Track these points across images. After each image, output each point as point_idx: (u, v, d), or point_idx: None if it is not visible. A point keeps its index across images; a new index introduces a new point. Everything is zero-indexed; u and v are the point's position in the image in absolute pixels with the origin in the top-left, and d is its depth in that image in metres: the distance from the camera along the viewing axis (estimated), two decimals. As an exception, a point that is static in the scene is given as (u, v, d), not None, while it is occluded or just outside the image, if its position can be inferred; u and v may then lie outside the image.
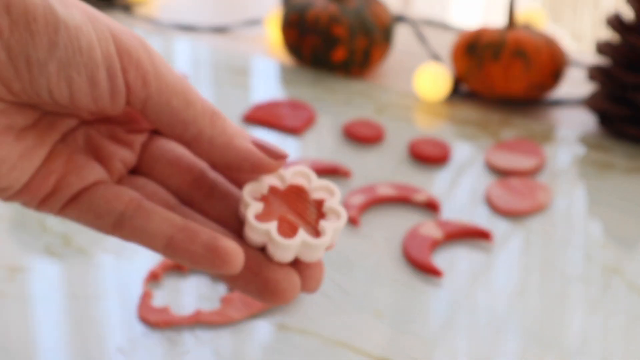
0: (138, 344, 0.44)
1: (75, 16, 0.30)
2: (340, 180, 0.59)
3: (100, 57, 0.30)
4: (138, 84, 0.31)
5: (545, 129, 0.67)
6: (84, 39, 0.30)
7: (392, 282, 0.49)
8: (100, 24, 0.30)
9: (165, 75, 0.31)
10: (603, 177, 0.61)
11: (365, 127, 0.65)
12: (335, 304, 0.48)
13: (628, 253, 0.52)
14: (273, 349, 0.44)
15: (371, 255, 0.52)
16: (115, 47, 0.30)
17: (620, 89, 0.64)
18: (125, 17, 0.87)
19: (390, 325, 0.46)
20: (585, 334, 0.46)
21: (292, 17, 0.74)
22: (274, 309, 0.47)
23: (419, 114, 0.69)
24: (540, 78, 0.68)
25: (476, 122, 0.68)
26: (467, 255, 0.52)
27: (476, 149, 0.64)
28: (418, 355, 0.44)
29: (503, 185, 0.58)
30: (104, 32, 0.30)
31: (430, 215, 0.56)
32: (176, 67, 0.76)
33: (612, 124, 0.65)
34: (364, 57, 0.73)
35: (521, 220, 0.55)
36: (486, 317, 0.47)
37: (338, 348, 0.44)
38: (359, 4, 0.73)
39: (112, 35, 0.30)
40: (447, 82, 0.70)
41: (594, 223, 0.55)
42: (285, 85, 0.73)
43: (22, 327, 0.45)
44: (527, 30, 0.69)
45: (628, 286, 0.50)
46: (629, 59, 0.64)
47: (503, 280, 0.50)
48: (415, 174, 0.60)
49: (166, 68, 0.31)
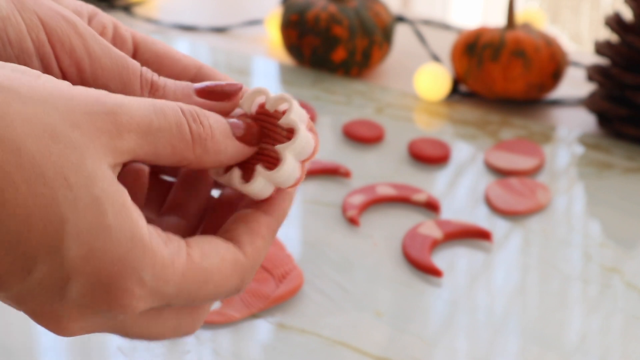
0: (138, 344, 0.44)
1: (1, 6, 0.29)
2: (340, 180, 0.60)
3: (32, 47, 0.29)
4: (73, 71, 0.30)
5: (545, 129, 0.67)
6: (12, 30, 0.29)
7: (392, 282, 0.50)
8: (27, 10, 0.29)
9: (100, 60, 0.30)
10: (602, 177, 0.61)
11: (365, 127, 0.65)
12: (335, 304, 0.48)
13: (627, 253, 0.53)
14: (273, 348, 0.44)
15: (371, 255, 0.52)
16: (46, 34, 0.29)
17: (619, 89, 0.64)
18: (126, 17, 0.87)
19: (390, 325, 0.46)
20: (584, 333, 0.46)
21: (292, 17, 0.74)
22: (274, 309, 0.47)
23: (419, 114, 0.69)
24: (540, 78, 0.68)
25: (476, 122, 0.68)
26: (467, 255, 0.52)
27: (476, 149, 0.64)
28: (418, 355, 0.44)
29: (502, 185, 0.58)
30: (33, 20, 0.29)
31: (430, 215, 0.56)
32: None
33: (611, 124, 0.66)
34: (364, 57, 0.73)
35: (521, 220, 0.56)
36: (486, 316, 0.47)
37: (338, 348, 0.44)
38: (359, 4, 0.73)
39: (41, 21, 0.29)
40: (447, 82, 0.70)
41: (593, 223, 0.56)
42: (285, 85, 0.73)
43: (23, 327, 0.45)
44: (526, 31, 0.69)
45: (627, 286, 0.50)
46: (628, 59, 0.64)
47: (503, 280, 0.50)
48: (415, 174, 0.60)
49: (101, 51, 0.30)
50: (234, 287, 0.30)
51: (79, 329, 0.27)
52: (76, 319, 0.27)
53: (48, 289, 0.26)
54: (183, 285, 0.28)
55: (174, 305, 0.29)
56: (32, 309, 0.27)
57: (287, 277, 0.48)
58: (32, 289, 0.26)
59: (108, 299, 0.26)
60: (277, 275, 0.48)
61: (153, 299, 0.27)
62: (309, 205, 0.57)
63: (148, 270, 0.27)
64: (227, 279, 0.30)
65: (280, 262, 0.49)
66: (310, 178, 0.60)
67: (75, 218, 0.25)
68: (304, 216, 0.55)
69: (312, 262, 0.51)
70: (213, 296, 0.29)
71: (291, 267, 0.49)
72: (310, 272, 0.50)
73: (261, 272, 0.49)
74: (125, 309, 0.27)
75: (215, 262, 0.29)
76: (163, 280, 0.27)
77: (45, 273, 0.26)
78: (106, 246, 0.26)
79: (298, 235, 0.54)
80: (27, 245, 0.25)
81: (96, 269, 0.26)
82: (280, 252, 0.50)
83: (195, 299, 0.29)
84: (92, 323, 0.28)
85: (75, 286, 0.26)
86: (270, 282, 0.48)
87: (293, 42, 0.74)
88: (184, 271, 0.28)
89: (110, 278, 0.26)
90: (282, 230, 0.54)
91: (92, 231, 0.26)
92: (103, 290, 0.26)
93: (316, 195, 0.58)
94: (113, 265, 0.26)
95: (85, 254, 0.26)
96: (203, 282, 0.29)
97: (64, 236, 0.25)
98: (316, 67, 0.75)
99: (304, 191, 0.58)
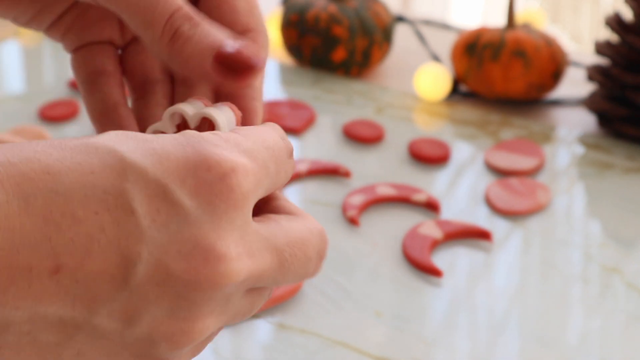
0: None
1: None
2: (340, 180, 0.60)
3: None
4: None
5: (545, 129, 0.67)
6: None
7: (392, 282, 0.49)
8: None
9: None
10: (602, 177, 0.61)
11: (365, 127, 0.65)
12: (335, 304, 0.48)
13: (627, 253, 0.53)
14: (273, 348, 0.44)
15: (371, 255, 0.52)
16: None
17: (619, 89, 0.64)
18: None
19: (390, 325, 0.46)
20: (585, 334, 0.46)
21: (292, 17, 0.74)
22: (274, 309, 0.47)
23: (419, 114, 0.69)
24: (540, 78, 0.68)
25: (476, 122, 0.68)
26: (467, 255, 0.52)
27: (476, 149, 0.64)
28: (418, 355, 0.44)
29: (503, 185, 0.58)
30: None
31: (430, 215, 0.56)
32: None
33: (611, 124, 0.66)
34: (364, 57, 0.73)
35: (521, 220, 0.56)
36: (486, 316, 0.47)
37: (338, 348, 0.44)
38: (359, 4, 0.73)
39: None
40: (447, 82, 0.70)
41: (593, 223, 0.56)
42: (285, 85, 0.73)
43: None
44: (526, 30, 0.69)
45: (627, 286, 0.50)
46: (628, 59, 0.64)
47: (503, 280, 0.50)
48: (415, 174, 0.60)
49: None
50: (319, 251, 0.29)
51: (238, 252, 0.26)
52: (222, 236, 0.25)
53: (163, 216, 0.25)
54: (290, 235, 0.28)
55: (287, 267, 0.28)
56: (178, 263, 0.25)
57: (287, 277, 0.48)
58: (155, 236, 0.25)
59: (215, 176, 0.25)
60: (277, 276, 0.48)
61: (254, 160, 0.27)
62: (309, 205, 0.56)
63: (214, 137, 0.26)
64: (315, 241, 0.29)
65: (280, 262, 0.49)
66: (310, 178, 0.60)
67: (117, 142, 0.26)
68: (304, 216, 0.55)
69: (312, 262, 0.51)
70: (316, 254, 0.29)
71: (291, 267, 0.49)
72: (310, 272, 0.50)
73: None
74: (237, 173, 0.26)
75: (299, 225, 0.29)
76: (237, 139, 0.27)
77: (143, 198, 0.25)
78: (163, 143, 0.26)
79: (298, 235, 0.53)
80: (102, 184, 0.25)
81: (176, 160, 0.25)
82: (280, 252, 0.50)
83: (308, 256, 0.28)
84: (241, 233, 0.26)
85: (178, 186, 0.25)
86: (270, 282, 0.48)
87: (293, 42, 0.74)
88: (285, 226, 0.28)
89: (195, 157, 0.26)
90: (282, 230, 0.54)
91: (140, 142, 0.26)
92: (203, 170, 0.25)
93: (316, 195, 0.58)
94: (184, 149, 0.26)
95: (154, 157, 0.26)
96: (308, 235, 0.28)
97: (122, 156, 0.25)
98: (316, 67, 0.75)
99: (304, 191, 0.58)
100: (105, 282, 0.25)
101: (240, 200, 0.26)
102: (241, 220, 0.26)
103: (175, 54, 0.30)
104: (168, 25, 0.30)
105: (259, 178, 0.27)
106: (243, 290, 0.27)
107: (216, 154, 0.26)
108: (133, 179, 0.25)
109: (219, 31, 0.30)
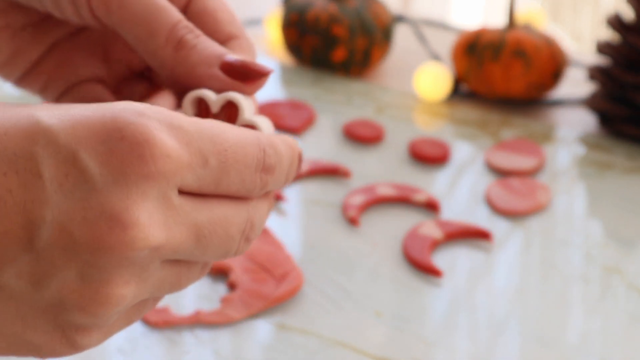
0: (138, 344, 0.44)
1: None
2: (340, 180, 0.60)
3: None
4: (101, 10, 0.31)
5: (545, 129, 0.67)
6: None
7: (392, 282, 0.49)
8: None
9: (131, 4, 0.31)
10: (603, 177, 0.61)
11: (365, 127, 0.65)
12: (335, 304, 0.48)
13: (628, 253, 0.52)
14: (273, 349, 0.44)
15: (371, 255, 0.52)
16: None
17: (620, 89, 0.64)
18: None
19: (390, 325, 0.46)
20: (585, 334, 0.46)
21: (292, 17, 0.74)
22: (274, 309, 0.47)
23: (419, 114, 0.69)
24: (540, 78, 0.68)
25: (476, 122, 0.68)
26: (467, 255, 0.52)
27: (476, 149, 0.64)
28: (418, 355, 0.44)
29: (503, 185, 0.58)
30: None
31: (430, 215, 0.56)
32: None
33: (612, 124, 0.65)
34: (364, 57, 0.73)
35: (521, 220, 0.55)
36: (486, 316, 0.47)
37: (338, 348, 0.44)
38: (359, 4, 0.73)
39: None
40: (447, 82, 0.70)
41: (593, 223, 0.55)
42: (285, 85, 0.73)
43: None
44: (527, 30, 0.69)
45: (628, 286, 0.50)
46: (629, 59, 0.64)
47: (503, 280, 0.50)
48: (415, 174, 0.60)
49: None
50: (255, 157, 0.29)
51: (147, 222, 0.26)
52: (129, 206, 0.25)
53: (70, 184, 0.25)
54: (198, 124, 0.27)
55: (212, 160, 0.27)
56: (83, 230, 0.25)
57: (287, 278, 0.48)
58: (60, 201, 0.25)
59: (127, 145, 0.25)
60: (277, 276, 0.48)
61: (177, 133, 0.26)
62: (309, 205, 0.56)
63: (140, 107, 0.26)
64: (244, 145, 0.28)
65: (280, 262, 0.49)
66: (310, 178, 0.60)
67: (35, 107, 0.26)
68: (304, 216, 0.55)
69: (312, 262, 0.51)
70: (240, 146, 0.28)
71: (291, 267, 0.49)
72: (310, 272, 0.50)
73: (261, 273, 0.49)
74: (152, 145, 0.25)
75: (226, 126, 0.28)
76: (165, 113, 0.26)
77: (51, 165, 0.25)
78: (81, 108, 0.26)
79: (298, 235, 0.53)
80: (13, 146, 0.25)
81: (89, 126, 0.25)
82: (280, 253, 0.50)
83: (227, 149, 0.28)
84: (149, 202, 0.26)
85: (88, 155, 0.25)
86: (270, 282, 0.48)
87: (293, 41, 0.74)
88: (188, 119, 0.27)
89: (110, 124, 0.25)
90: (282, 231, 0.54)
91: (58, 107, 0.26)
92: (115, 139, 0.25)
93: (316, 195, 0.58)
94: (102, 115, 0.26)
95: (69, 122, 0.25)
96: (220, 130, 0.28)
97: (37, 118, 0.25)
98: (316, 67, 0.75)
99: (304, 191, 0.58)
100: (11, 243, 0.25)
101: (154, 174, 0.26)
102: (157, 193, 0.26)
103: (181, 61, 0.31)
104: (172, 34, 0.31)
105: (184, 162, 0.26)
106: (159, 260, 0.27)
107: (134, 123, 0.25)
108: (44, 142, 0.25)
109: (217, 45, 0.32)
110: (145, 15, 0.31)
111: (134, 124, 0.25)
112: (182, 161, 0.26)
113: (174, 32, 0.31)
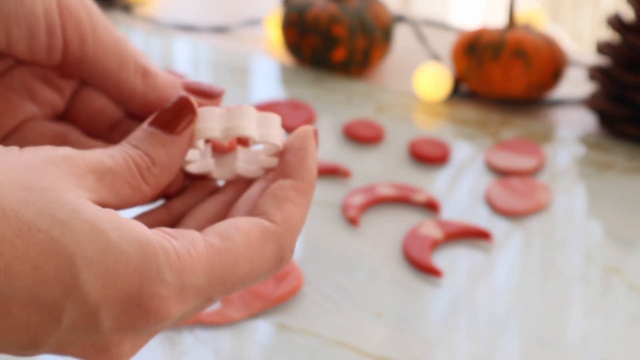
0: (138, 343, 0.44)
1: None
2: (340, 180, 0.60)
3: (42, 12, 0.30)
4: (75, 43, 0.31)
5: (545, 129, 0.67)
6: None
7: (392, 282, 0.49)
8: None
9: (102, 37, 0.32)
10: (603, 177, 0.61)
11: (365, 127, 0.65)
12: (335, 304, 0.48)
13: (628, 253, 0.52)
14: (273, 349, 0.44)
15: (371, 255, 0.52)
16: (57, 3, 0.31)
17: (620, 89, 0.64)
18: (125, 17, 0.87)
19: (390, 325, 0.46)
20: (585, 334, 0.46)
21: (292, 17, 0.74)
22: (274, 309, 0.47)
23: (419, 114, 0.69)
24: (540, 78, 0.68)
25: (476, 122, 0.68)
26: (467, 255, 0.52)
27: (476, 149, 0.64)
28: (418, 355, 0.44)
29: (503, 185, 0.58)
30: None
31: (430, 215, 0.56)
32: (176, 67, 0.76)
33: (612, 124, 0.65)
34: (364, 57, 0.73)
35: (521, 220, 0.55)
36: (486, 316, 0.47)
37: (338, 348, 0.44)
38: (359, 4, 0.73)
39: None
40: (447, 82, 0.70)
41: (594, 223, 0.55)
42: (285, 85, 0.73)
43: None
44: (527, 30, 0.69)
45: (628, 286, 0.50)
46: (629, 59, 0.64)
47: (503, 280, 0.50)
48: (415, 174, 0.60)
49: (105, 29, 0.32)
50: (274, 258, 0.30)
51: (130, 351, 0.28)
52: (121, 343, 0.27)
53: (82, 328, 0.26)
54: (211, 271, 0.28)
55: (217, 297, 0.28)
56: (76, 353, 0.27)
57: (287, 277, 0.48)
58: (67, 335, 0.26)
59: (140, 313, 0.27)
60: (277, 276, 0.48)
61: (186, 296, 0.27)
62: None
63: (166, 269, 0.27)
64: (260, 252, 0.29)
65: (280, 262, 0.49)
66: (310, 178, 0.60)
67: (80, 249, 0.25)
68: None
69: (312, 262, 0.51)
70: (252, 274, 0.29)
71: (291, 267, 0.49)
72: (310, 272, 0.50)
73: (261, 272, 0.49)
74: (160, 315, 0.27)
75: (239, 239, 0.29)
76: (186, 272, 0.27)
77: (74, 315, 0.26)
78: (119, 263, 0.26)
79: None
80: (46, 296, 0.25)
81: (118, 289, 0.26)
82: (280, 252, 0.50)
83: (235, 283, 0.29)
84: (139, 340, 0.28)
85: (106, 314, 0.26)
86: (270, 282, 0.48)
87: (293, 41, 0.74)
88: (207, 258, 0.28)
89: (134, 291, 0.26)
90: (282, 231, 0.54)
91: (100, 254, 0.26)
92: (133, 306, 0.26)
93: (316, 195, 0.58)
94: (132, 278, 0.26)
95: (103, 280, 0.26)
96: (233, 263, 0.28)
97: (76, 272, 0.25)
98: (316, 67, 0.75)
99: (304, 191, 0.58)
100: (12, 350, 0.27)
101: (154, 327, 0.28)
102: (150, 329, 0.28)
103: (149, 86, 0.33)
104: (138, 64, 0.33)
105: (189, 309, 0.28)
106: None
107: (152, 295, 0.27)
108: (75, 299, 0.26)
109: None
110: (115, 46, 0.32)
111: (151, 296, 0.27)
112: (185, 308, 0.28)
113: (139, 62, 0.33)
